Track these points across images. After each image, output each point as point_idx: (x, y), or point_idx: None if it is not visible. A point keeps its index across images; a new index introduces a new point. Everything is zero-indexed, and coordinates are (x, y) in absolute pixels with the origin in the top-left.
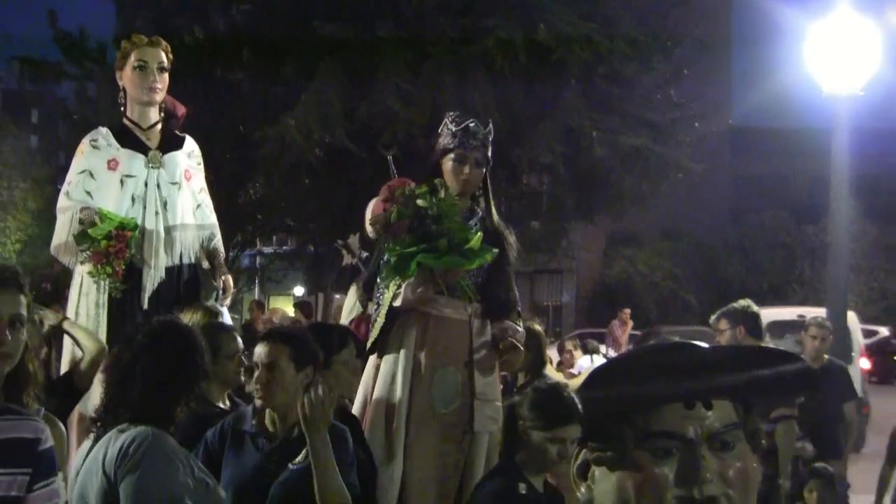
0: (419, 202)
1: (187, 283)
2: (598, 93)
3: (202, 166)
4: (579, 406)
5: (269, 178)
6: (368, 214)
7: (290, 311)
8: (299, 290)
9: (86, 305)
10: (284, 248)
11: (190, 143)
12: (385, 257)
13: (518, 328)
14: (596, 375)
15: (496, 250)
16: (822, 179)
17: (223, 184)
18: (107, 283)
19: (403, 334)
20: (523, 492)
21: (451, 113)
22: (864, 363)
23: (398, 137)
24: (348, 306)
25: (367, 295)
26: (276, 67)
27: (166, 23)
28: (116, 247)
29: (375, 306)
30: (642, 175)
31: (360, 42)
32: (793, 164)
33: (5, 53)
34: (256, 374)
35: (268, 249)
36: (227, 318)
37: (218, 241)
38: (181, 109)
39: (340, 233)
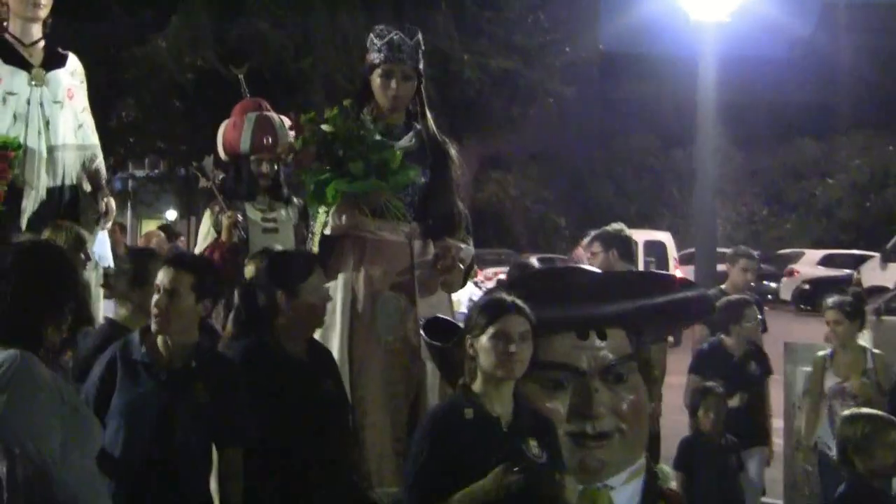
0: (324, 127)
1: (68, 204)
2: (469, 16)
3: (84, 85)
4: (523, 305)
5: (140, 101)
6: (220, 136)
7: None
8: (171, 214)
9: None
10: (156, 171)
11: (73, 61)
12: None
13: (461, 246)
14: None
15: (418, 167)
16: (689, 105)
17: (92, 105)
18: None
19: (339, 262)
20: (469, 416)
21: (377, 27)
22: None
23: (268, 59)
24: (203, 232)
25: (304, 224)
26: None
27: None
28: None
29: (309, 235)
30: (512, 98)
31: None
32: (661, 90)
33: None
34: (156, 297)
35: (139, 173)
36: (102, 244)
37: (100, 163)
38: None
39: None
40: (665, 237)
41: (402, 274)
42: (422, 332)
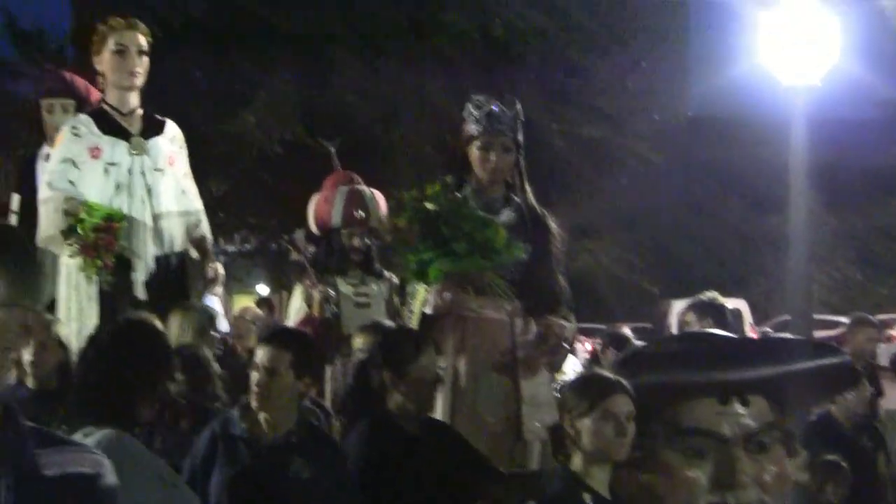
0: (427, 205)
1: (175, 272)
2: (556, 85)
3: (185, 150)
4: (624, 382)
5: (229, 176)
6: (311, 210)
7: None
8: (263, 289)
9: (77, 300)
10: (246, 246)
11: (172, 128)
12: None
13: (564, 324)
14: (622, 365)
15: (525, 245)
16: (780, 169)
17: None
18: (97, 276)
19: (440, 342)
20: (588, 502)
21: (475, 97)
22: None
23: (356, 132)
24: (294, 307)
25: (401, 301)
26: (231, 62)
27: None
28: (105, 239)
29: (408, 314)
30: (600, 166)
31: (316, 36)
32: (751, 153)
33: None
34: (256, 376)
35: (230, 248)
36: (219, 314)
37: (205, 228)
38: (95, 94)
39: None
40: (741, 304)
41: (504, 354)
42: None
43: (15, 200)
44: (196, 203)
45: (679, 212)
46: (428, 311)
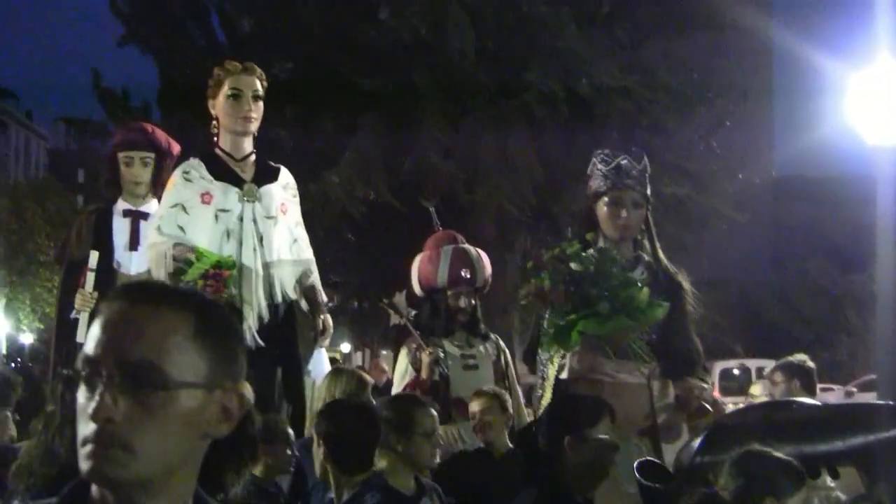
0: (573, 265)
1: (284, 322)
2: (639, 144)
3: (297, 199)
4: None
5: (312, 234)
6: (414, 271)
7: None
8: (345, 347)
9: None
10: (330, 304)
11: (285, 175)
12: (543, 327)
13: (704, 385)
14: (711, 438)
15: (667, 304)
16: (865, 228)
17: None
18: None
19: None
20: None
21: (601, 152)
22: None
23: (439, 191)
24: (400, 370)
25: (528, 367)
26: (317, 123)
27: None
28: (214, 286)
29: (540, 380)
30: (685, 225)
31: (400, 96)
32: (836, 212)
33: (51, 113)
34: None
35: None
36: (320, 363)
37: (315, 278)
38: (176, 147)
39: (385, 288)
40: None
41: (643, 419)
42: (636, 473)
43: (94, 257)
44: (307, 252)
45: (763, 270)
46: (563, 376)
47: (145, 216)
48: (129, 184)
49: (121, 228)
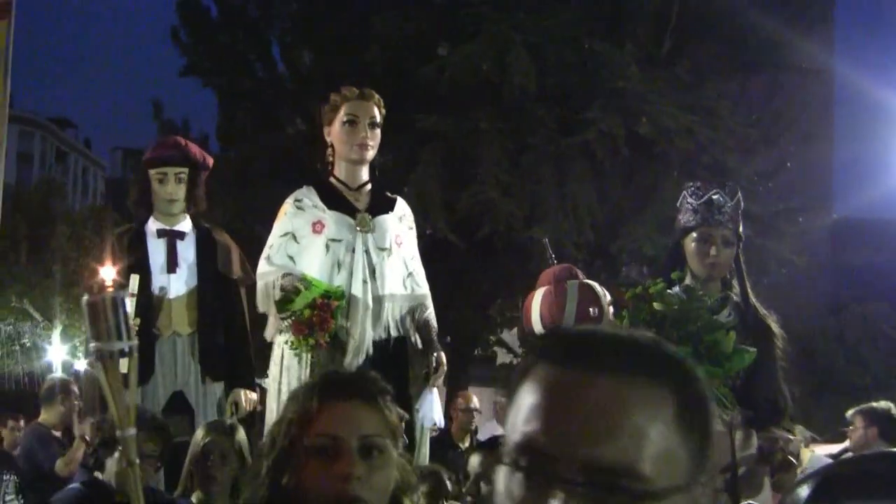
0: (655, 305)
1: (394, 358)
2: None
3: (414, 231)
4: None
5: None
6: (535, 307)
7: None
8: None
9: (287, 381)
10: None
11: (401, 206)
12: None
13: (790, 437)
14: (820, 489)
15: (754, 350)
16: None
17: None
18: (308, 356)
19: None
20: None
21: (691, 184)
22: None
23: (498, 228)
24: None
25: None
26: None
27: (268, 115)
28: (321, 317)
29: None
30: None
31: (460, 133)
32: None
33: (109, 142)
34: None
35: None
36: (431, 404)
37: (430, 314)
38: (210, 161)
39: (442, 323)
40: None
41: (723, 470)
42: None
43: (134, 281)
44: (423, 287)
45: (821, 314)
46: None
47: (181, 235)
48: (163, 202)
49: (156, 249)
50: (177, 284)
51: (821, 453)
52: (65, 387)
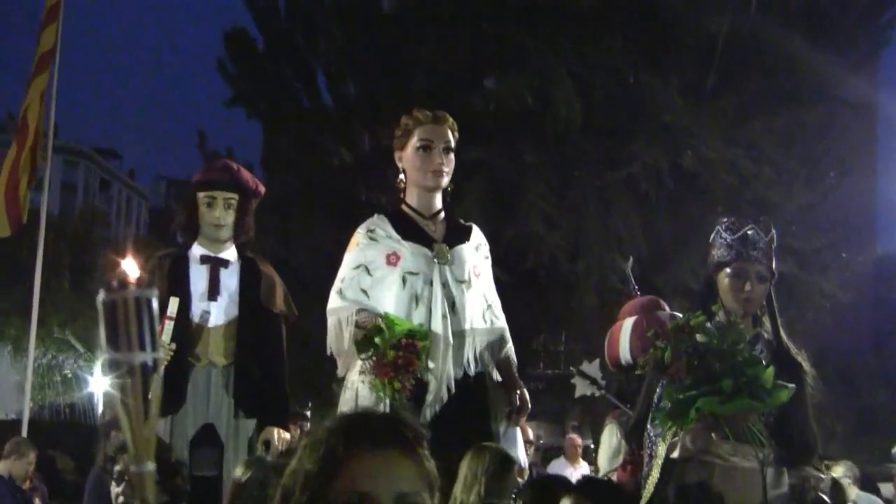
0: (699, 338)
1: (476, 396)
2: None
3: (489, 261)
4: None
5: None
6: (626, 340)
7: None
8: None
9: None
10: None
11: (477, 235)
12: (658, 401)
13: (822, 476)
14: None
15: (793, 386)
16: None
17: None
18: (392, 399)
19: (682, 490)
20: None
21: (725, 219)
22: None
23: (542, 261)
24: (610, 447)
25: (635, 442)
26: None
27: (312, 145)
28: (406, 358)
29: (647, 458)
30: (788, 302)
31: (505, 165)
32: None
33: (153, 172)
34: None
35: None
36: (514, 444)
37: (510, 349)
38: (261, 189)
39: None
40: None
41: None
42: None
43: (173, 304)
44: (501, 320)
45: (864, 350)
46: (675, 454)
47: (225, 263)
48: (210, 227)
49: (198, 276)
50: (216, 313)
51: (871, 497)
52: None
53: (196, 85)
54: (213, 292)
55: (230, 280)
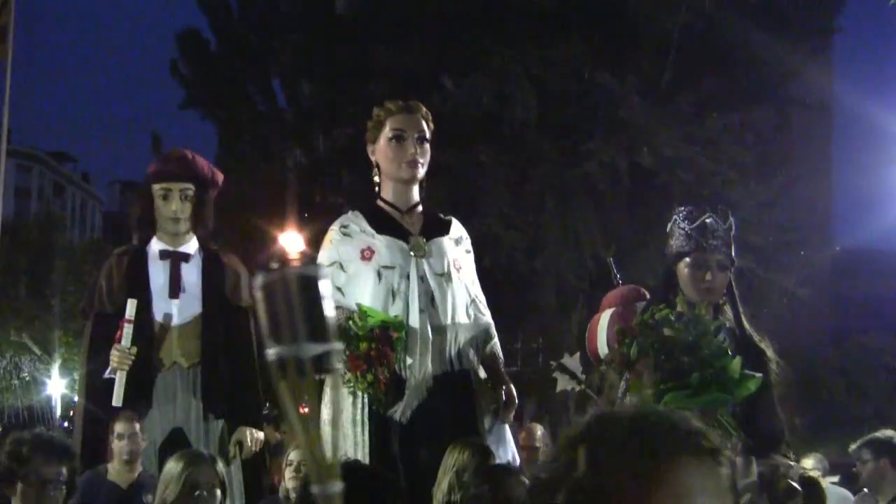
0: (666, 332)
1: (460, 394)
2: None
3: (472, 255)
4: None
5: None
6: (604, 333)
7: None
8: None
9: (340, 423)
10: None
11: (457, 228)
12: (621, 396)
13: (791, 463)
14: None
15: (760, 376)
16: None
17: None
18: (366, 393)
19: None
20: None
21: (682, 209)
22: None
23: (500, 259)
24: None
25: None
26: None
27: (268, 148)
28: (379, 350)
29: None
30: (745, 299)
31: (462, 165)
32: None
33: (108, 176)
34: None
35: None
36: (504, 443)
37: (495, 344)
38: (219, 177)
39: None
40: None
41: (722, 498)
42: None
43: (131, 306)
44: (486, 315)
45: (824, 345)
46: None
47: (186, 257)
48: (167, 220)
49: (158, 272)
50: (179, 311)
51: (840, 490)
52: None
53: (151, 87)
54: (175, 289)
55: (192, 275)
